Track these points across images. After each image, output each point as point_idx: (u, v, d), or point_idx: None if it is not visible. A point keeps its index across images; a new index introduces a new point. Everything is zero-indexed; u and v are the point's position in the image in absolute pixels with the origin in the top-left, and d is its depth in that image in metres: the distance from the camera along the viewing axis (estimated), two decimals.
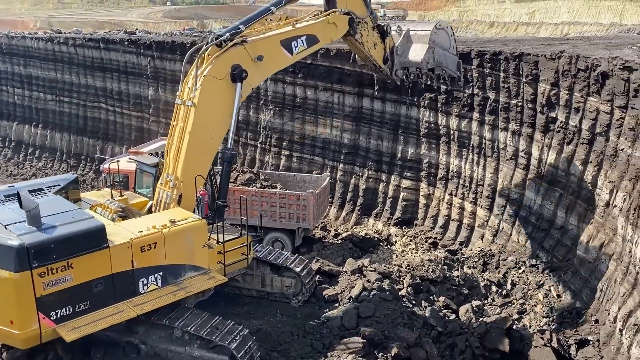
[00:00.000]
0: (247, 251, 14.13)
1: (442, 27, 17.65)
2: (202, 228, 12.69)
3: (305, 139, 29.55)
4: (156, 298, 12.03)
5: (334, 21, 15.61)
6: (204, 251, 12.79)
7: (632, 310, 12.50)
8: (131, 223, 12.75)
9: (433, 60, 17.37)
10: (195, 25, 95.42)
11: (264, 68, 14.21)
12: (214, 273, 13.00)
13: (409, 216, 26.21)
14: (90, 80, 39.69)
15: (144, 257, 11.84)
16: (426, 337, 14.02)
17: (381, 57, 17.24)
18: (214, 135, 13.46)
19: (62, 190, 14.55)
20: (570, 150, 18.79)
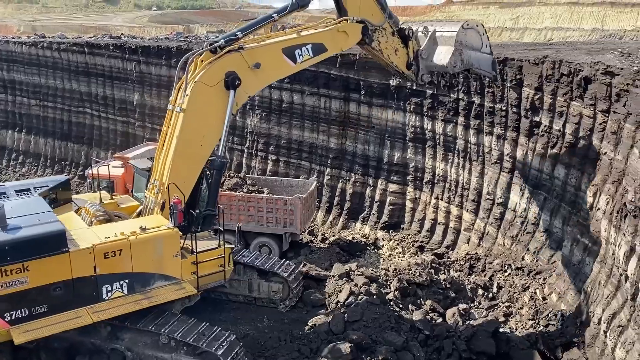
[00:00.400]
0: (224, 263, 13.62)
1: (471, 26, 16.43)
2: (174, 237, 12.38)
3: (292, 144, 29.54)
4: (119, 305, 11.89)
5: (345, 29, 14.88)
6: (175, 261, 12.48)
7: (616, 312, 12.64)
8: (104, 228, 12.69)
9: (461, 62, 16.33)
10: (181, 30, 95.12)
11: (263, 76, 13.85)
12: (186, 284, 12.64)
13: (395, 220, 26.29)
14: (75, 85, 39.37)
15: (108, 264, 11.72)
16: (413, 341, 14.06)
17: (404, 62, 16.41)
18: (204, 142, 13.17)
19: (50, 191, 14.50)
20: (554, 154, 19.00)
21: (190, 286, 12.66)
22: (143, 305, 12.08)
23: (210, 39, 42.34)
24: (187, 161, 13.12)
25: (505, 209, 21.39)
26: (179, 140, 12.88)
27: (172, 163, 12.95)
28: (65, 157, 40.00)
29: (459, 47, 16.14)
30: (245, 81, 13.18)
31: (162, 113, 35.21)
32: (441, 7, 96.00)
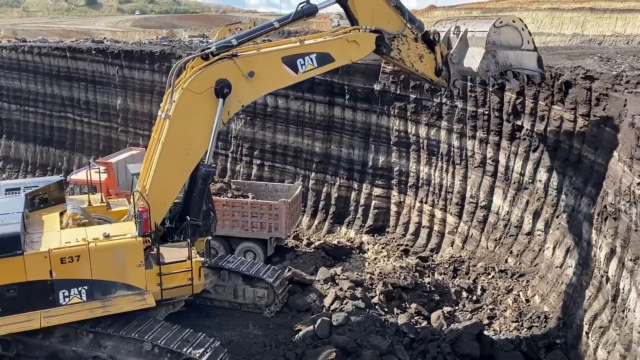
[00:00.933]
0: (192, 277, 12.93)
1: (505, 23, 14.65)
2: (136, 246, 12.10)
3: (276, 148, 29.52)
4: (75, 312, 11.77)
5: (355, 39, 13.77)
6: (139, 270, 12.18)
7: (598, 313, 12.79)
8: (72, 232, 12.55)
9: (496, 65, 14.72)
10: (165, 34, 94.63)
11: (259, 85, 13.15)
12: (148, 295, 12.34)
13: (380, 224, 26.37)
14: (57, 90, 38.97)
15: (65, 269, 11.59)
16: (399, 345, 14.09)
17: (432, 69, 15.03)
18: (191, 150, 12.72)
19: (40, 191, 14.46)
20: (536, 157, 19.21)
21: (151, 298, 12.27)
22: (96, 314, 11.91)
23: (193, 43, 41.66)
24: (171, 169, 12.78)
25: (489, 212, 21.57)
26: (163, 147, 12.60)
27: (156, 170, 12.70)
28: (47, 162, 39.54)
29: (492, 49, 14.56)
30: (238, 90, 12.69)
31: (145, 118, 35.03)
32: (424, 12, 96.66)
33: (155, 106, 34.45)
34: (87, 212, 14.00)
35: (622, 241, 11.78)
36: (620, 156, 12.51)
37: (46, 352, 12.48)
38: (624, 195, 11.84)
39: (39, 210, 14.49)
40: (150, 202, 12.76)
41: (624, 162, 12.08)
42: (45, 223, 13.51)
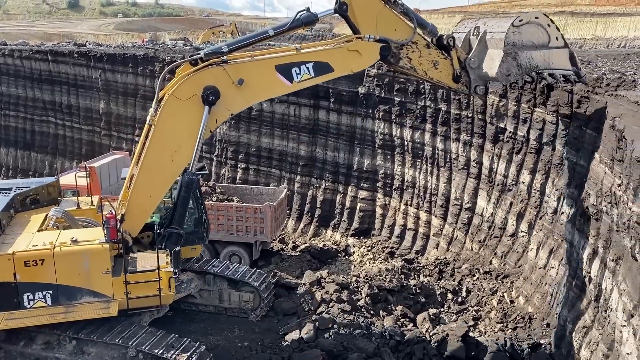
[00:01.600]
0: (159, 287, 12.39)
1: (526, 20, 13.21)
2: (102, 253, 11.88)
3: (261, 151, 29.46)
4: (38, 315, 11.67)
5: (357, 49, 12.82)
6: (105, 278, 11.96)
7: (581, 313, 12.93)
8: (45, 236, 12.44)
9: (518, 68, 13.37)
10: (148, 37, 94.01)
11: (249, 94, 12.61)
12: (114, 303, 12.09)
13: (366, 226, 26.43)
14: (38, 94, 38.51)
15: (29, 272, 11.51)
16: (385, 347, 14.09)
17: (449, 75, 13.76)
18: (175, 157, 12.41)
19: (32, 192, 14.51)
20: (519, 160, 19.41)
21: (115, 307, 12.02)
22: (57, 320, 11.78)
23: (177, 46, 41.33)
24: (155, 176, 12.55)
25: (473, 214, 21.73)
26: (147, 154, 12.36)
27: (139, 176, 12.54)
28: (29, 167, 39.01)
29: (512, 51, 13.18)
30: (227, 98, 12.29)
31: (128, 122, 34.74)
32: None
33: (139, 110, 34.22)
34: (70, 215, 13.83)
35: (603, 242, 11.93)
36: (601, 158, 12.67)
37: (28, 359, 12.29)
38: (605, 196, 12.00)
39: (29, 210, 14.42)
40: (132, 208, 12.61)
41: (605, 163, 12.25)
42: (28, 224, 13.40)
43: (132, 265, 12.43)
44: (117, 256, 12.45)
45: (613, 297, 10.75)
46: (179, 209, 12.96)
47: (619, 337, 9.95)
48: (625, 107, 11.94)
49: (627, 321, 9.47)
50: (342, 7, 12.82)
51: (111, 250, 12.14)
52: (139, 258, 12.71)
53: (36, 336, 12.45)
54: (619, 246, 10.80)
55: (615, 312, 10.35)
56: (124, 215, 12.63)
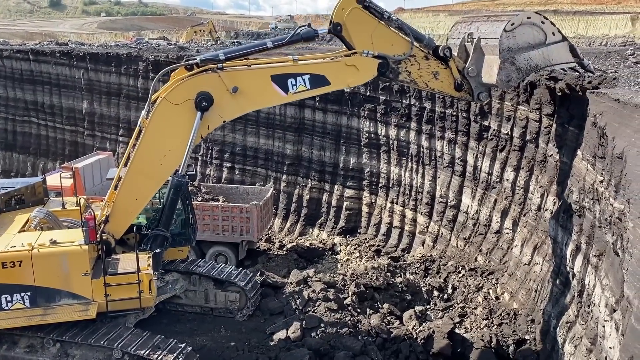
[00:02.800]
0: (139, 290, 12.16)
1: (518, 23, 12.93)
2: (81, 254, 11.78)
3: (247, 151, 29.37)
4: (16, 317, 11.60)
5: (354, 63, 12.73)
6: (85, 280, 11.86)
7: (565, 308, 13.08)
8: (25, 236, 12.33)
9: (518, 72, 13.15)
10: (132, 36, 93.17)
11: (244, 102, 12.51)
12: (93, 306, 11.97)
13: (352, 225, 26.48)
14: (20, 94, 38.00)
15: (7, 274, 11.44)
16: (371, 345, 14.15)
17: (450, 85, 13.64)
18: (164, 162, 12.33)
19: (16, 192, 14.45)
20: (503, 157, 19.57)
21: (94, 309, 11.91)
22: (33, 322, 11.70)
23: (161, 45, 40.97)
24: (142, 179, 12.47)
25: (458, 212, 21.88)
26: (136, 156, 12.28)
27: (126, 178, 12.44)
28: (10, 168, 38.50)
29: (508, 56, 12.97)
30: (220, 105, 12.21)
31: (112, 122, 34.41)
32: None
33: (123, 110, 33.91)
34: (53, 216, 13.68)
35: (586, 238, 12.08)
36: (583, 155, 12.82)
37: None
38: (587, 193, 12.15)
39: (14, 211, 14.28)
40: (117, 210, 12.52)
41: (587, 160, 12.40)
42: (11, 225, 13.27)
43: (113, 267, 12.28)
44: (99, 257, 12.34)
45: (596, 293, 10.89)
46: (166, 211, 12.91)
47: (601, 331, 10.08)
48: (607, 104, 12.09)
49: (610, 316, 9.60)
50: (336, 27, 12.79)
51: (91, 252, 12.01)
52: (121, 259, 12.57)
53: (19, 339, 12.30)
54: (601, 242, 10.94)
55: (598, 307, 10.48)
56: (109, 216, 12.54)
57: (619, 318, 9.01)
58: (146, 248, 12.83)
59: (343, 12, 12.66)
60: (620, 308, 8.99)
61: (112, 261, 12.45)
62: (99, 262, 12.20)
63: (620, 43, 41.61)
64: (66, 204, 14.90)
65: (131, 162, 12.30)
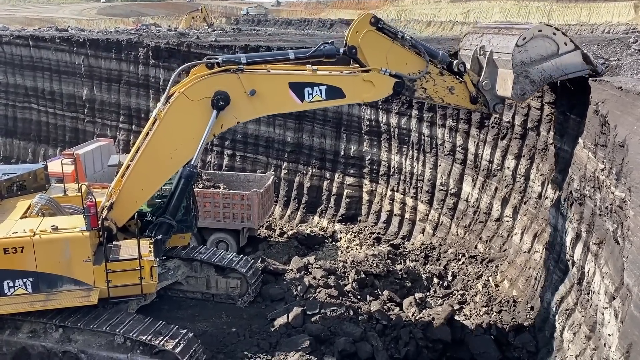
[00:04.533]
0: (141, 276, 12.25)
1: (530, 36, 13.07)
2: (82, 241, 11.86)
3: (248, 138, 29.33)
4: (19, 303, 11.71)
5: (371, 80, 12.97)
6: (86, 266, 11.96)
7: (564, 296, 13.14)
8: (27, 223, 12.41)
9: (532, 85, 13.27)
10: (132, 23, 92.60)
11: (260, 105, 12.70)
12: (95, 292, 12.06)
13: (352, 212, 26.52)
14: (20, 80, 37.87)
15: (8, 259, 11.53)
16: (371, 331, 14.24)
17: (466, 98, 13.84)
18: (175, 155, 12.49)
19: (18, 178, 14.52)
20: (504, 145, 19.55)
21: (95, 295, 12.01)
22: (35, 307, 11.81)
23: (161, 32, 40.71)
24: (151, 170, 12.59)
25: (458, 199, 21.90)
26: (147, 147, 12.39)
27: (135, 168, 12.52)
28: (11, 154, 38.49)
29: (522, 70, 13.10)
30: (236, 105, 12.36)
31: (112, 108, 34.36)
32: (394, 1, 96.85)
33: (123, 96, 33.83)
34: (55, 202, 13.73)
35: (586, 226, 12.10)
36: (585, 143, 12.80)
37: (14, 347, 12.25)
38: (588, 181, 12.15)
39: (16, 197, 14.35)
40: (122, 198, 12.60)
41: (589, 148, 12.38)
42: (13, 211, 13.34)
43: (115, 254, 12.37)
44: (100, 244, 12.40)
45: (595, 280, 10.94)
46: (174, 200, 13.04)
47: (600, 319, 10.14)
48: (609, 92, 12.05)
49: (609, 303, 9.65)
50: (351, 51, 13.06)
51: (93, 238, 12.09)
52: (122, 246, 12.66)
53: (22, 325, 12.40)
54: (601, 230, 10.97)
55: (598, 295, 10.53)
56: (113, 204, 12.61)
57: (618, 306, 9.06)
58: (150, 235, 12.93)
59: (357, 35, 12.94)
60: (620, 296, 9.03)
61: (113, 248, 12.52)
62: (101, 248, 12.27)
63: (623, 30, 41.33)
64: (67, 191, 14.94)
65: (142, 152, 12.41)
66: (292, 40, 33.21)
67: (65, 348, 12.03)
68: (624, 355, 7.77)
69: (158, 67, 31.98)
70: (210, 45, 30.59)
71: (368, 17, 13.01)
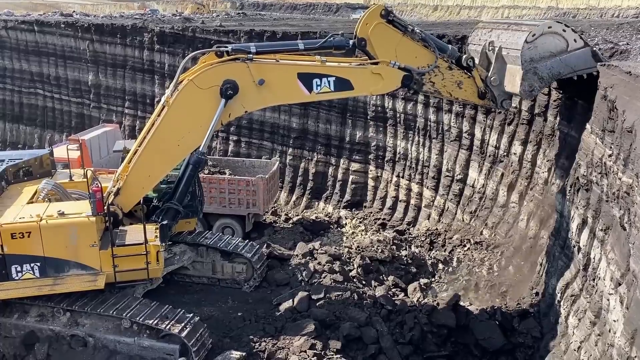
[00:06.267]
0: (147, 261, 12.31)
1: (539, 32, 13.13)
2: (89, 226, 11.94)
3: (253, 124, 29.28)
4: (27, 287, 11.82)
5: (380, 72, 12.95)
6: (93, 250, 12.04)
7: (569, 282, 13.12)
8: (33, 208, 12.47)
9: (540, 81, 13.37)
10: (137, 8, 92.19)
11: (268, 95, 12.72)
12: (101, 276, 12.16)
13: (358, 198, 26.51)
14: (25, 65, 37.87)
15: (16, 244, 11.62)
16: (376, 316, 14.30)
17: (474, 93, 13.90)
18: (182, 143, 12.53)
19: (24, 164, 14.63)
20: (511, 131, 19.43)
21: (102, 280, 12.11)
22: (43, 292, 11.93)
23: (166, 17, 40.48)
24: (157, 156, 12.63)
25: (464, 185, 21.84)
26: (155, 134, 12.42)
27: (142, 154, 12.55)
28: (18, 140, 38.62)
29: (530, 67, 13.16)
30: (244, 95, 12.36)
31: (118, 94, 34.35)
32: None
33: (129, 82, 33.80)
34: (61, 188, 13.80)
35: (593, 212, 12.04)
36: (592, 128, 12.69)
37: (23, 331, 12.38)
38: (595, 167, 12.06)
39: (22, 182, 14.44)
40: (128, 184, 12.65)
41: (596, 134, 12.27)
42: (19, 197, 13.42)
43: (121, 239, 12.45)
44: (107, 229, 12.48)
45: (601, 266, 10.91)
46: (182, 186, 13.11)
47: (606, 305, 10.13)
48: (618, 77, 11.91)
49: (615, 289, 9.64)
50: (360, 42, 13.02)
51: (99, 224, 12.16)
52: (128, 231, 12.73)
53: (30, 309, 12.53)
54: (608, 216, 10.91)
55: (603, 281, 10.51)
56: (120, 189, 12.66)
57: (624, 292, 9.04)
58: (157, 220, 13.01)
59: (367, 27, 12.88)
60: (626, 282, 9.01)
61: (119, 233, 12.59)
62: (107, 233, 12.34)
63: (633, 14, 40.76)
64: (74, 176, 14.99)
65: (149, 139, 12.46)
66: (297, 25, 33.00)
67: (73, 332, 12.16)
68: (629, 341, 7.77)
69: (163, 52, 31.88)
70: (215, 30, 30.45)
71: (379, 10, 12.96)
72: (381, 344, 13.54)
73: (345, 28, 28.26)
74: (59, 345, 12.22)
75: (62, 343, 12.22)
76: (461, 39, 21.09)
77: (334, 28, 28.90)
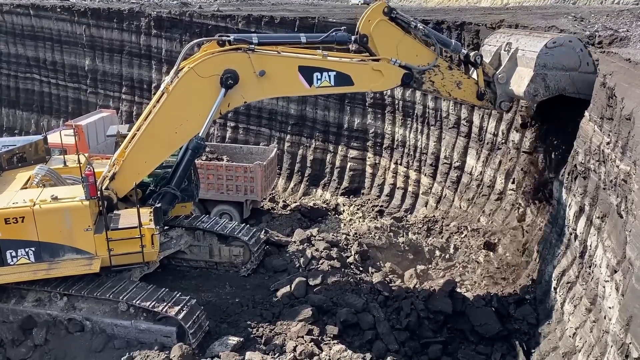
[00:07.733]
0: (142, 244, 12.40)
1: (560, 43, 13.19)
2: (82, 210, 11.99)
3: (251, 110, 29.17)
4: (22, 272, 11.89)
5: (381, 69, 13.08)
6: (87, 235, 12.10)
7: (566, 269, 13.17)
8: (27, 193, 12.50)
9: (545, 89, 13.35)
10: None
11: (268, 86, 12.76)
12: (96, 260, 12.23)
13: (356, 185, 26.51)
14: (21, 50, 37.56)
15: (10, 230, 11.68)
16: (373, 302, 14.36)
17: (472, 94, 14.01)
18: (180, 130, 12.56)
19: (18, 150, 14.59)
20: (509, 118, 19.38)
21: (97, 264, 12.17)
22: (38, 276, 12.00)
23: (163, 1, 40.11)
24: (155, 143, 12.64)
25: (462, 173, 21.84)
26: (153, 120, 12.43)
27: (139, 140, 12.56)
28: (14, 125, 38.42)
29: (542, 72, 13.19)
30: (244, 85, 12.38)
31: (115, 79, 34.12)
32: None
33: (126, 67, 33.57)
34: (55, 173, 13.77)
35: (590, 199, 12.05)
36: (591, 116, 12.65)
37: (20, 316, 12.42)
38: (593, 154, 12.05)
39: (16, 169, 14.42)
40: (124, 169, 12.64)
41: (595, 121, 12.24)
42: (13, 182, 13.40)
43: (115, 223, 12.46)
44: (101, 213, 12.49)
45: (597, 254, 10.94)
46: (180, 171, 13.14)
47: (601, 292, 10.18)
48: (617, 64, 11.87)
49: (610, 276, 9.68)
50: (362, 39, 13.00)
51: (92, 208, 12.17)
52: (122, 215, 12.75)
53: (27, 294, 12.57)
54: (605, 204, 10.93)
55: (599, 268, 10.55)
56: (116, 174, 12.64)
57: (620, 279, 9.08)
58: (154, 204, 13.03)
59: (369, 24, 12.87)
60: (622, 269, 9.04)
61: (114, 217, 12.60)
62: (102, 217, 12.34)
63: (633, 1, 40.55)
64: (68, 162, 14.94)
65: (147, 125, 12.47)
66: (295, 10, 32.72)
67: (70, 316, 12.21)
68: (624, 327, 7.81)
69: (160, 37, 31.64)
70: (212, 15, 30.19)
71: (381, 6, 12.95)
72: (378, 330, 13.62)
73: (344, 14, 28.09)
74: (57, 330, 12.28)
75: (60, 327, 12.29)
76: (460, 25, 20.95)
77: (332, 13, 28.69)
